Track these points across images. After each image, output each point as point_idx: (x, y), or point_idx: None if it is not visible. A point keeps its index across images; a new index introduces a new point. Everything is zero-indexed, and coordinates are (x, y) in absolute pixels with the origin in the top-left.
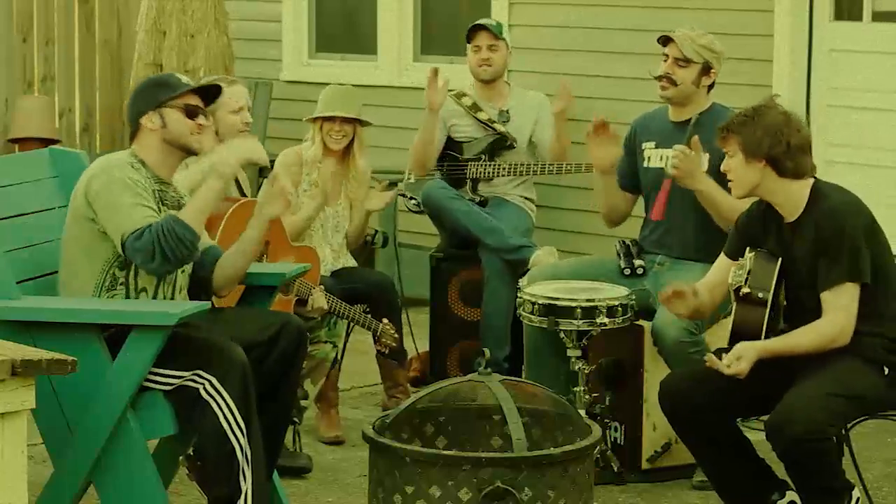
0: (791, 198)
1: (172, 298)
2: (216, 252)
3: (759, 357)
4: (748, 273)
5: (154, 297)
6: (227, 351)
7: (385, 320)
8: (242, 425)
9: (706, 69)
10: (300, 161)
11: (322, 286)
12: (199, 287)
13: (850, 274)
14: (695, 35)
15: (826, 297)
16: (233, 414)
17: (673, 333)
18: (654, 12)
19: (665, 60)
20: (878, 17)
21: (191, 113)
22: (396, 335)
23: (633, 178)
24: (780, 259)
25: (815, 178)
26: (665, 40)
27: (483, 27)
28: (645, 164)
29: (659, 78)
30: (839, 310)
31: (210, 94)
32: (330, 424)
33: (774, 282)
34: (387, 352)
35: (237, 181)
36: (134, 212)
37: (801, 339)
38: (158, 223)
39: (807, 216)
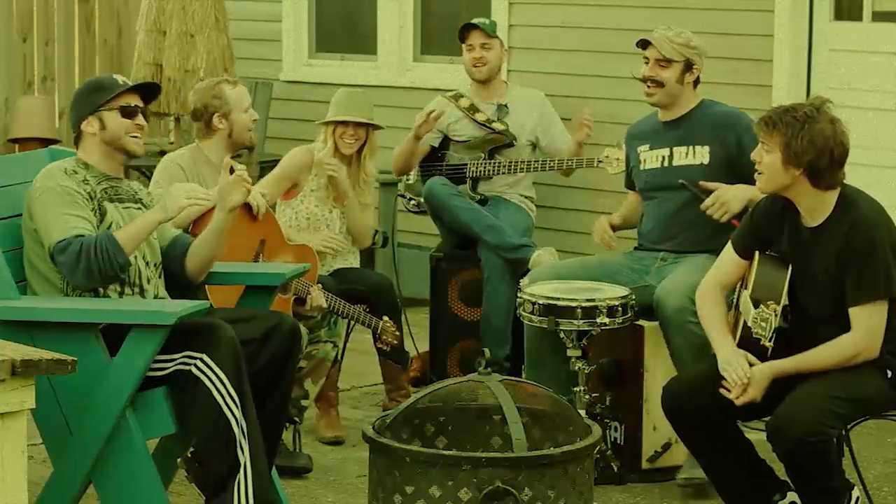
0: (819, 205)
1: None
2: (184, 242)
3: (770, 380)
4: (773, 330)
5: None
6: (216, 328)
7: (385, 318)
8: (236, 398)
9: (688, 66)
10: (311, 161)
11: (320, 284)
12: (176, 279)
13: (884, 290)
14: (672, 34)
15: (855, 312)
16: (226, 388)
17: (674, 301)
18: (653, 12)
19: (646, 63)
20: (878, 17)
21: (128, 113)
22: (397, 332)
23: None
24: (790, 266)
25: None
26: (644, 44)
27: (475, 26)
28: (641, 167)
29: (643, 81)
30: (868, 329)
31: (149, 91)
32: (330, 424)
33: (784, 293)
34: (388, 349)
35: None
36: (61, 221)
37: (821, 359)
38: (91, 238)
39: (833, 223)
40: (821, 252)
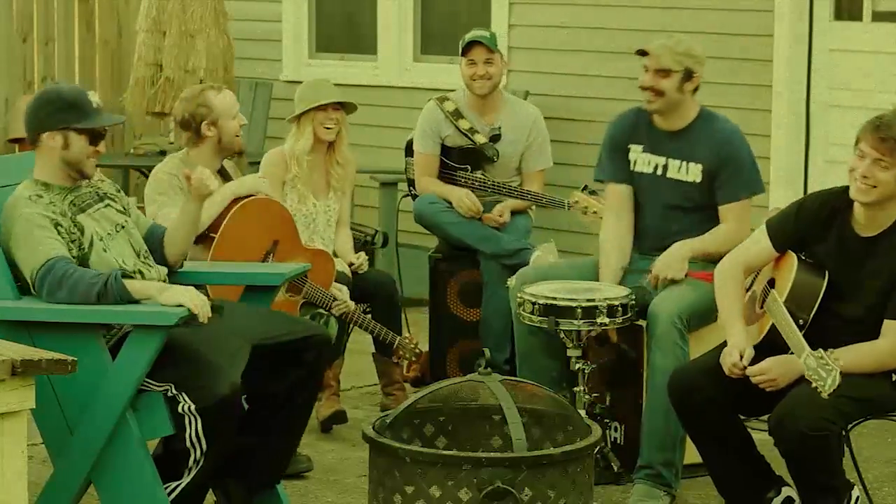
0: (881, 216)
1: None
2: (160, 230)
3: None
4: (834, 385)
5: None
6: (215, 377)
7: (406, 335)
8: (204, 446)
9: (688, 75)
10: (284, 161)
11: (342, 285)
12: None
13: None
14: (672, 44)
15: (892, 325)
16: (199, 440)
17: (665, 320)
18: (653, 12)
19: (646, 71)
20: (878, 17)
21: (95, 140)
22: (417, 350)
23: (626, 170)
24: (826, 276)
25: None
26: (643, 52)
27: (478, 42)
28: (632, 167)
29: (643, 89)
30: None
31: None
32: (329, 402)
33: (817, 306)
34: (402, 363)
35: (223, 169)
36: (34, 249)
37: (856, 364)
38: (105, 274)
39: (892, 236)
40: (873, 263)
